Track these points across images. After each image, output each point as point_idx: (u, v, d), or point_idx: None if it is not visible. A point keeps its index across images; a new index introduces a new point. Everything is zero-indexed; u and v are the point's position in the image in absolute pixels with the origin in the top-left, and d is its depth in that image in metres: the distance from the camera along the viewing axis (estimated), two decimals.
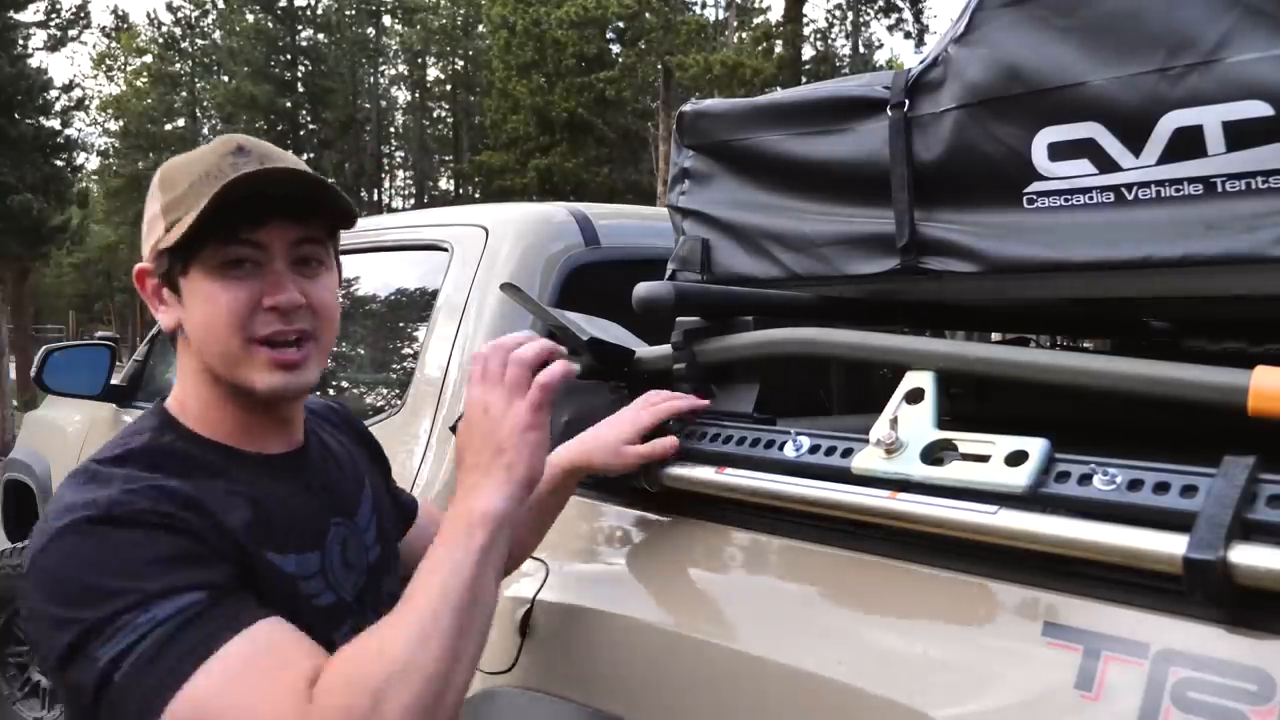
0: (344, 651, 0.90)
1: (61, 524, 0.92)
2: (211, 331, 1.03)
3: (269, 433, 1.10)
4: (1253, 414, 0.93)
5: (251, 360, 1.04)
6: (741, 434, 1.30)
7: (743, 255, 1.53)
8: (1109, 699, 0.88)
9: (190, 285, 1.04)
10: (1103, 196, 1.13)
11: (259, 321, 1.03)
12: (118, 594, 0.89)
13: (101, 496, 0.94)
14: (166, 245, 1.03)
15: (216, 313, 1.03)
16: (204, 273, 1.03)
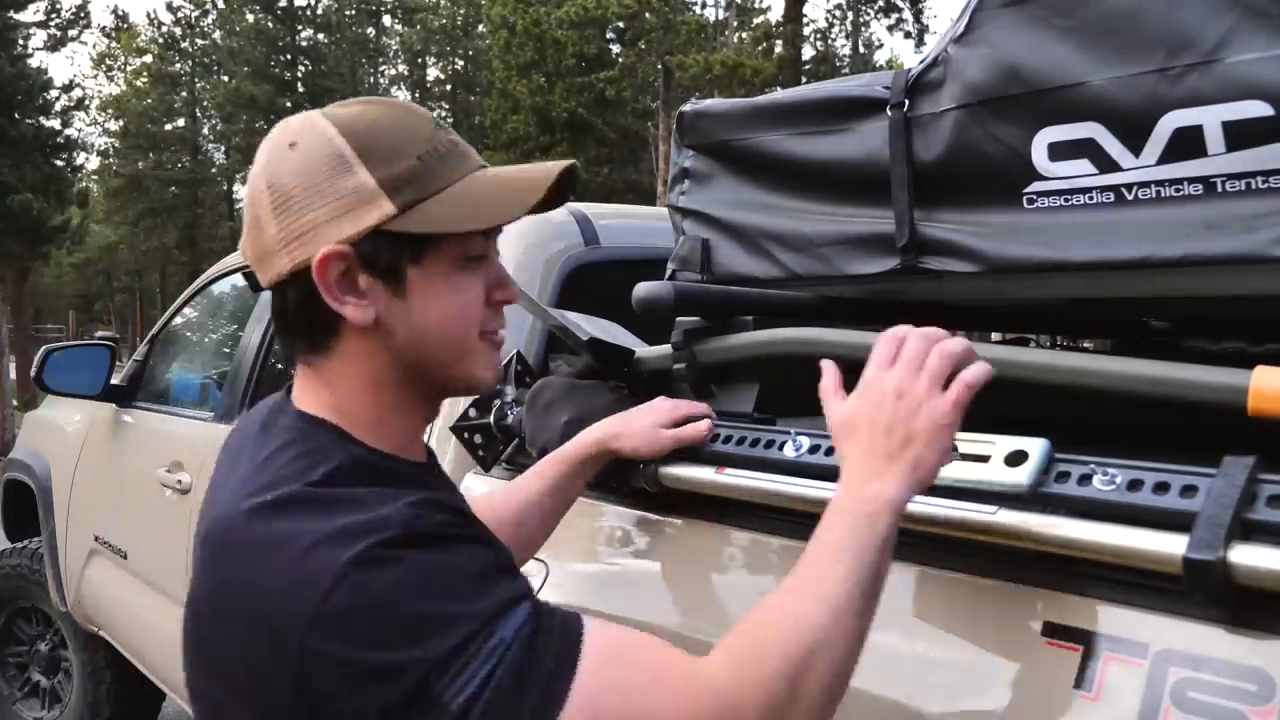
0: (746, 626, 0.84)
1: (352, 554, 0.76)
2: (453, 327, 0.93)
3: (418, 442, 1.01)
4: (1253, 414, 0.93)
5: (480, 355, 0.96)
6: (741, 434, 1.30)
7: (743, 255, 1.53)
8: (1109, 699, 0.88)
9: (423, 276, 0.91)
10: (1103, 196, 1.13)
11: (488, 316, 0.96)
12: (455, 621, 0.75)
13: (389, 515, 0.80)
14: (410, 229, 0.89)
15: (461, 306, 0.93)
16: (449, 262, 0.91)
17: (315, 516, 0.80)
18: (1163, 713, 0.84)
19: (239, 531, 0.84)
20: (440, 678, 0.73)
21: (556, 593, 1.43)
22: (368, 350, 0.92)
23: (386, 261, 0.89)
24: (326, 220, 0.88)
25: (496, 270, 0.97)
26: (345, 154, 0.89)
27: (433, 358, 0.94)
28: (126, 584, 3.08)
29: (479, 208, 0.91)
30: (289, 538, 0.79)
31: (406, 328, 0.91)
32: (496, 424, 1.68)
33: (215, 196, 36.17)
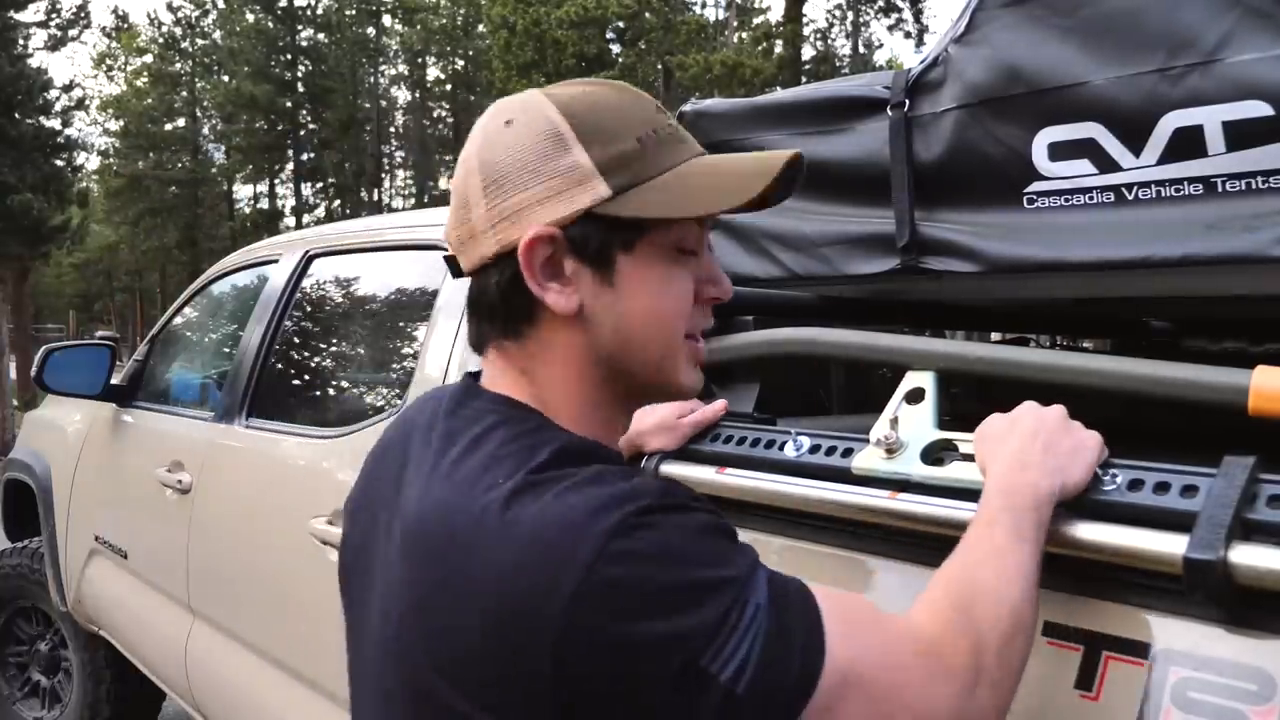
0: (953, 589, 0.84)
1: (609, 524, 0.72)
2: (660, 321, 0.87)
3: (619, 437, 0.97)
4: (1253, 414, 0.93)
5: (685, 356, 0.91)
6: (741, 434, 1.30)
7: (743, 255, 1.53)
8: (1109, 699, 0.88)
9: (636, 264, 0.86)
10: (1103, 196, 1.13)
11: (697, 314, 0.91)
12: (719, 587, 0.72)
13: (638, 486, 0.77)
14: (626, 213, 0.84)
15: (670, 301, 0.87)
16: (659, 252, 0.86)
17: (560, 496, 0.75)
18: (1163, 712, 0.84)
19: (472, 519, 0.77)
20: (709, 648, 0.70)
21: None
22: (568, 340, 0.87)
23: (596, 247, 0.84)
24: (538, 200, 0.84)
25: (709, 265, 0.91)
26: (563, 132, 0.85)
27: (635, 355, 0.88)
28: (127, 584, 3.08)
29: (698, 194, 0.85)
30: (537, 519, 0.74)
31: (611, 319, 0.86)
32: None
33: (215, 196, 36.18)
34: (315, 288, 2.62)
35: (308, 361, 2.62)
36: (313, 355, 2.63)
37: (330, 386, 2.52)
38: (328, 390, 2.53)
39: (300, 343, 2.62)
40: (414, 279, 2.27)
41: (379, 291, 2.43)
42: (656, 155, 0.86)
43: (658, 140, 0.86)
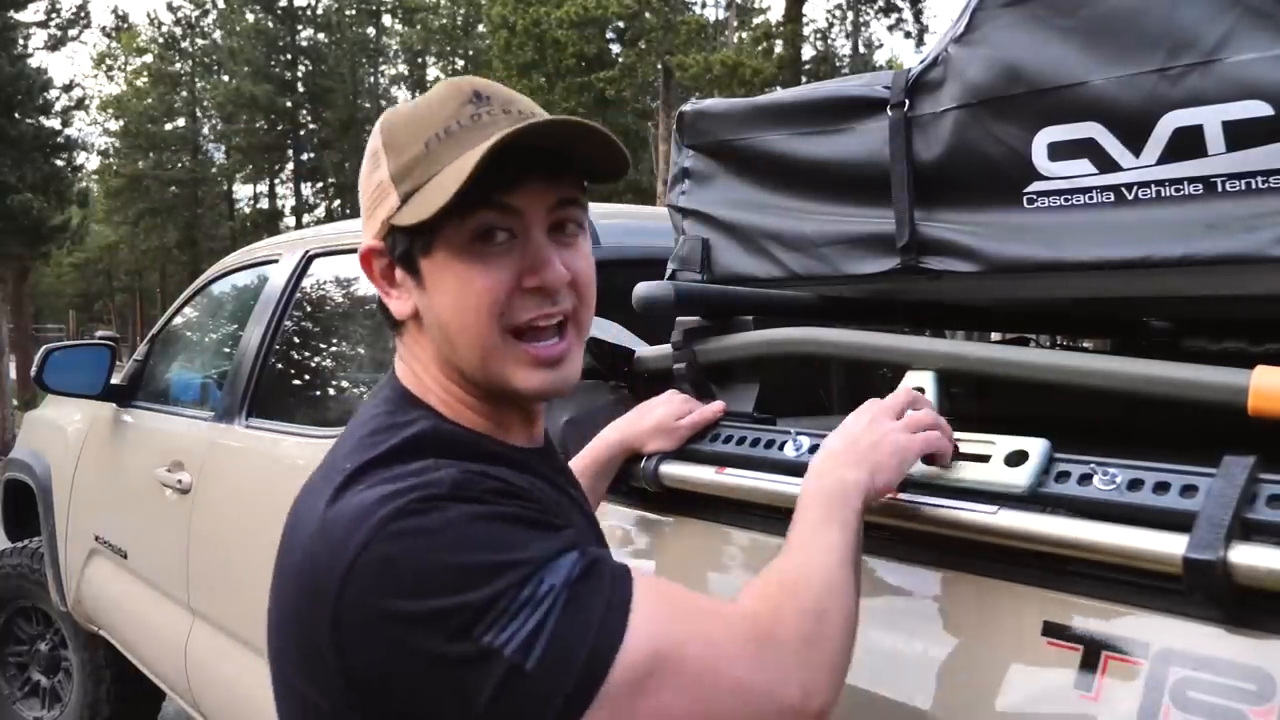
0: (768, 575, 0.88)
1: (392, 508, 0.76)
2: (463, 321, 0.87)
3: (517, 426, 0.96)
4: (1253, 414, 0.93)
5: (509, 356, 0.88)
6: (741, 434, 1.30)
7: (743, 255, 1.53)
8: (1109, 699, 0.88)
9: (435, 266, 0.87)
10: (1103, 196, 1.13)
11: (519, 306, 0.87)
12: (497, 570, 0.74)
13: (438, 478, 0.79)
14: (403, 222, 0.86)
15: (470, 299, 0.86)
16: (452, 251, 0.86)
17: (371, 488, 0.80)
18: (1162, 712, 0.84)
19: (308, 505, 0.85)
20: (484, 623, 0.72)
21: None
22: (423, 340, 0.93)
23: (402, 254, 0.89)
24: (367, 216, 0.92)
25: (533, 251, 0.87)
26: (377, 148, 0.91)
27: (460, 355, 0.89)
28: (126, 584, 3.08)
29: (438, 191, 0.84)
30: (339, 511, 0.79)
31: (433, 321, 0.90)
32: None
33: (215, 196, 36.17)
34: (315, 287, 2.62)
35: (308, 361, 2.62)
36: (313, 355, 2.63)
37: (330, 386, 2.53)
38: (328, 390, 2.53)
39: (300, 342, 2.62)
40: None
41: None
42: (440, 156, 0.86)
43: (449, 137, 0.86)
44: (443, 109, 0.88)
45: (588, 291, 0.93)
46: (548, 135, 0.86)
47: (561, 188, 0.90)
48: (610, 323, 1.62)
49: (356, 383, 2.46)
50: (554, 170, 0.88)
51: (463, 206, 0.83)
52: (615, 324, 1.63)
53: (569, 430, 1.48)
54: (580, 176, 0.93)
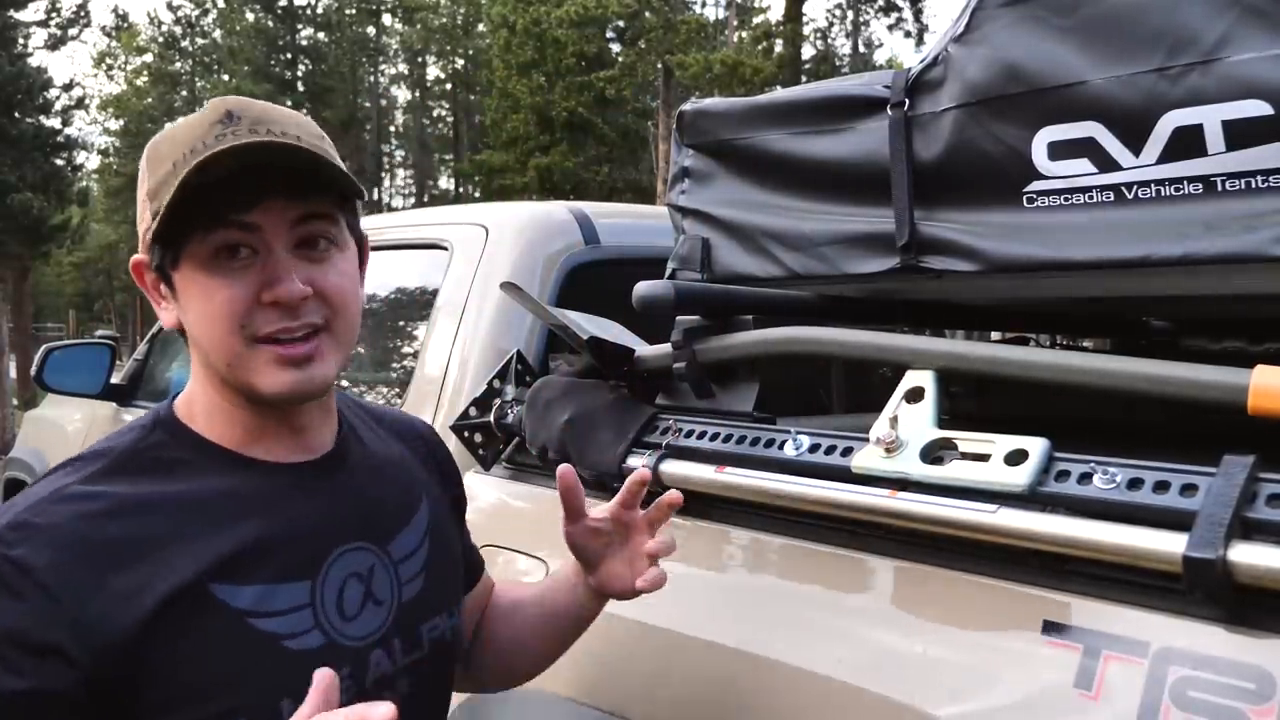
0: None
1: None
2: (209, 331, 0.90)
3: (284, 439, 0.97)
4: (1253, 413, 0.93)
5: (254, 358, 0.90)
6: (741, 433, 1.30)
7: (743, 254, 1.53)
8: (1109, 698, 0.88)
9: (183, 279, 0.91)
10: (1102, 196, 1.13)
11: (260, 319, 0.89)
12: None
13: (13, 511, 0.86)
14: (149, 237, 0.91)
15: (211, 311, 0.89)
16: (197, 265, 0.89)
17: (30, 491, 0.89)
18: (1162, 711, 0.84)
19: None
20: None
21: None
22: (193, 349, 0.96)
23: (158, 268, 0.93)
24: (140, 232, 0.94)
25: (272, 266, 0.90)
26: (142, 166, 0.94)
27: (214, 362, 0.92)
28: None
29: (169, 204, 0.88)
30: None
31: (189, 330, 0.94)
32: (496, 422, 1.68)
33: None
34: None
35: None
36: None
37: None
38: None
39: None
40: (414, 278, 2.27)
41: (379, 290, 2.43)
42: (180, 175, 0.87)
43: (190, 158, 0.87)
44: (196, 128, 0.90)
45: (341, 303, 0.94)
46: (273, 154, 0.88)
47: (308, 204, 0.92)
48: (610, 322, 1.62)
49: (354, 381, 2.46)
50: (295, 188, 0.90)
51: (205, 224, 0.88)
52: (615, 324, 1.63)
53: (569, 430, 1.48)
54: (337, 192, 0.95)
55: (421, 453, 1.16)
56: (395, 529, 1.04)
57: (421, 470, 1.14)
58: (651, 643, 1.28)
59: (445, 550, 1.11)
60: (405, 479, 1.10)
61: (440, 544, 1.09)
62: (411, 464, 1.13)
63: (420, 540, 1.06)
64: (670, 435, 1.38)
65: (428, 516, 1.08)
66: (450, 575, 1.12)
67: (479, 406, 1.71)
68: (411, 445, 1.16)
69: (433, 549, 1.07)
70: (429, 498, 1.11)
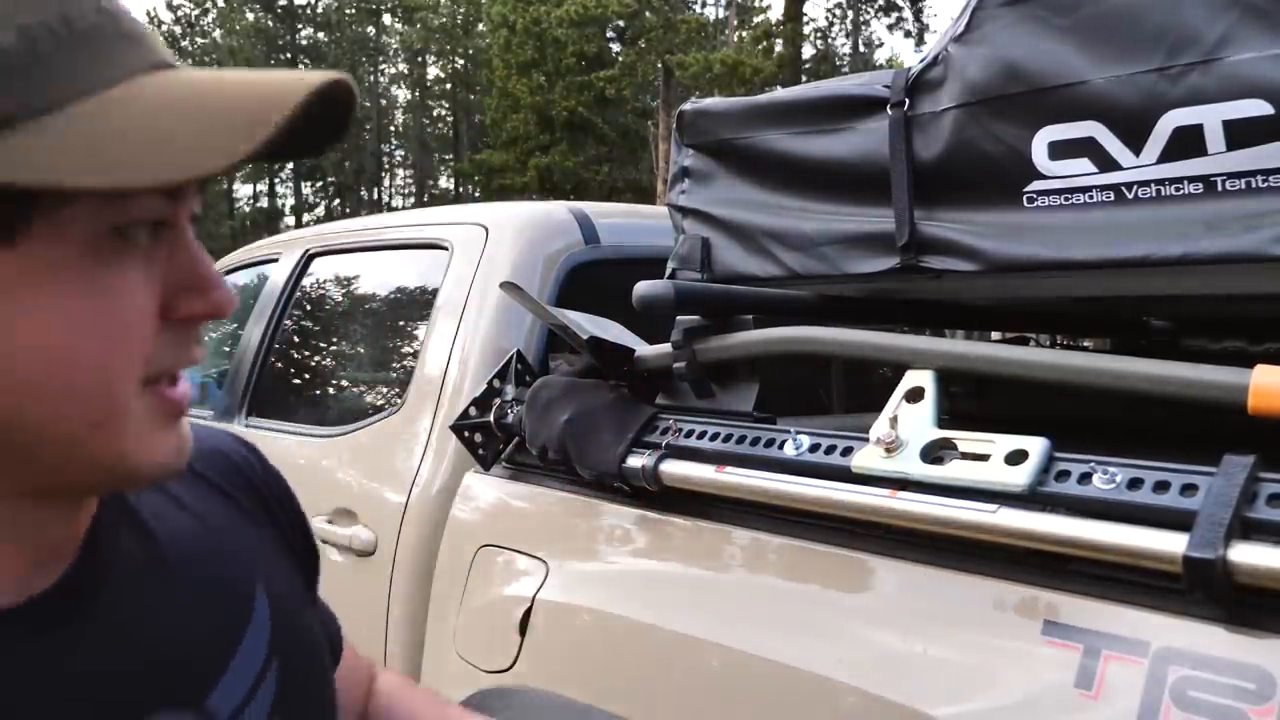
0: None
1: None
2: (72, 365, 0.49)
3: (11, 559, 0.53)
4: (1253, 413, 0.93)
5: (135, 417, 0.52)
6: (741, 433, 1.30)
7: (743, 254, 1.53)
8: (1109, 698, 0.88)
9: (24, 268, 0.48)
10: (1103, 195, 1.13)
11: (166, 347, 0.53)
12: None
13: None
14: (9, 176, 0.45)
15: (98, 329, 0.50)
16: (73, 246, 0.48)
17: None
18: (1162, 711, 0.84)
19: None
20: None
21: (556, 591, 1.43)
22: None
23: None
24: None
25: (187, 257, 0.54)
26: None
27: (38, 424, 0.50)
28: None
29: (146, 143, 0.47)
30: None
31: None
32: (496, 423, 1.68)
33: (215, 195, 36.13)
34: (315, 287, 2.62)
35: (307, 360, 2.62)
36: (312, 354, 2.62)
37: (330, 386, 2.52)
38: (327, 389, 2.53)
39: (300, 342, 2.62)
40: (414, 278, 2.27)
41: (379, 290, 2.43)
42: (62, 65, 0.48)
43: (67, 36, 0.48)
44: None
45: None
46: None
47: None
48: (610, 322, 1.62)
49: (356, 382, 2.46)
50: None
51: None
52: (615, 324, 1.63)
53: (569, 430, 1.48)
54: None
55: (254, 504, 0.73)
56: (215, 671, 0.61)
57: (254, 538, 0.70)
58: (651, 643, 1.28)
59: (305, 668, 0.69)
60: (226, 570, 0.66)
61: (296, 661, 0.67)
62: (237, 533, 0.69)
63: (260, 672, 0.63)
64: (670, 435, 1.38)
65: (268, 624, 0.66)
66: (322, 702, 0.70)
67: (479, 406, 1.71)
68: (237, 495, 0.71)
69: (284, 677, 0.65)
70: (268, 585, 0.67)
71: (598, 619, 1.35)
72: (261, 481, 0.75)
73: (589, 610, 1.37)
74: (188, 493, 0.66)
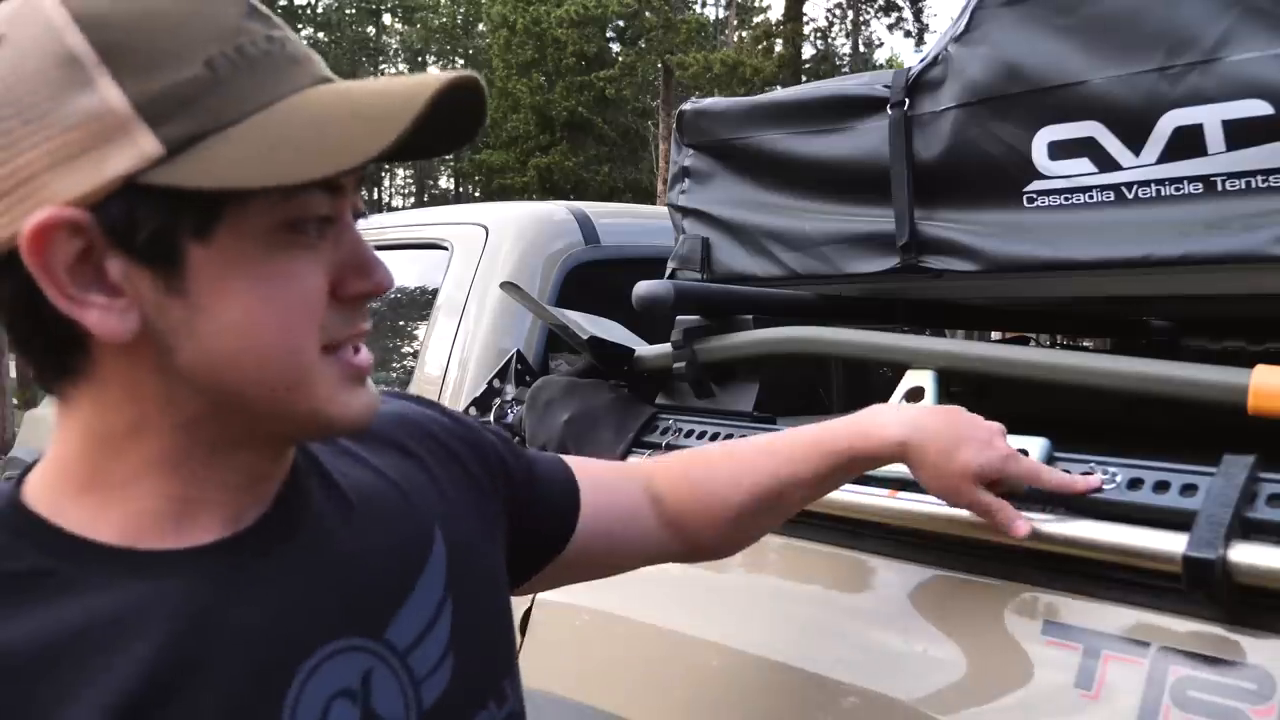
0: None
1: None
2: (264, 337, 0.59)
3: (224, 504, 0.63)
4: (1252, 413, 0.94)
5: (327, 378, 0.62)
6: (741, 433, 1.30)
7: (743, 254, 1.53)
8: (1109, 698, 0.88)
9: (218, 256, 0.57)
10: (1103, 195, 1.13)
11: (336, 319, 0.62)
12: None
13: None
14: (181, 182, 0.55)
15: (278, 309, 0.59)
16: (259, 236, 0.58)
17: None
18: (1162, 711, 0.84)
19: None
20: None
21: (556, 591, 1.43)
22: (130, 377, 0.59)
23: (150, 234, 0.56)
24: (48, 166, 0.55)
25: (352, 245, 0.63)
26: (78, 52, 0.54)
27: (252, 394, 0.60)
28: None
29: (307, 145, 0.56)
30: None
31: (191, 343, 0.58)
32: (496, 422, 1.68)
33: None
34: None
35: None
36: None
37: None
38: None
39: None
40: (414, 277, 2.27)
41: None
42: (241, 87, 0.57)
43: (245, 63, 0.57)
44: (212, 17, 0.58)
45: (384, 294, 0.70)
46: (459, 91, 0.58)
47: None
48: (610, 322, 1.62)
49: None
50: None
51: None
52: (615, 324, 1.63)
53: (569, 429, 1.48)
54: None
55: (436, 458, 0.80)
56: (393, 604, 0.69)
57: (433, 490, 0.77)
58: (651, 642, 1.27)
59: (480, 606, 0.75)
60: (405, 516, 0.73)
61: (471, 600, 0.74)
62: (417, 484, 0.76)
63: (437, 608, 0.71)
64: (670, 435, 1.38)
65: (445, 566, 0.73)
66: (495, 639, 0.77)
67: (479, 406, 1.71)
68: (418, 451, 0.79)
69: (459, 613, 0.72)
70: (446, 531, 0.75)
71: (598, 619, 1.35)
72: (446, 432, 0.83)
73: (589, 610, 1.37)
74: (369, 451, 0.76)
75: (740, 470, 0.97)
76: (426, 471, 0.78)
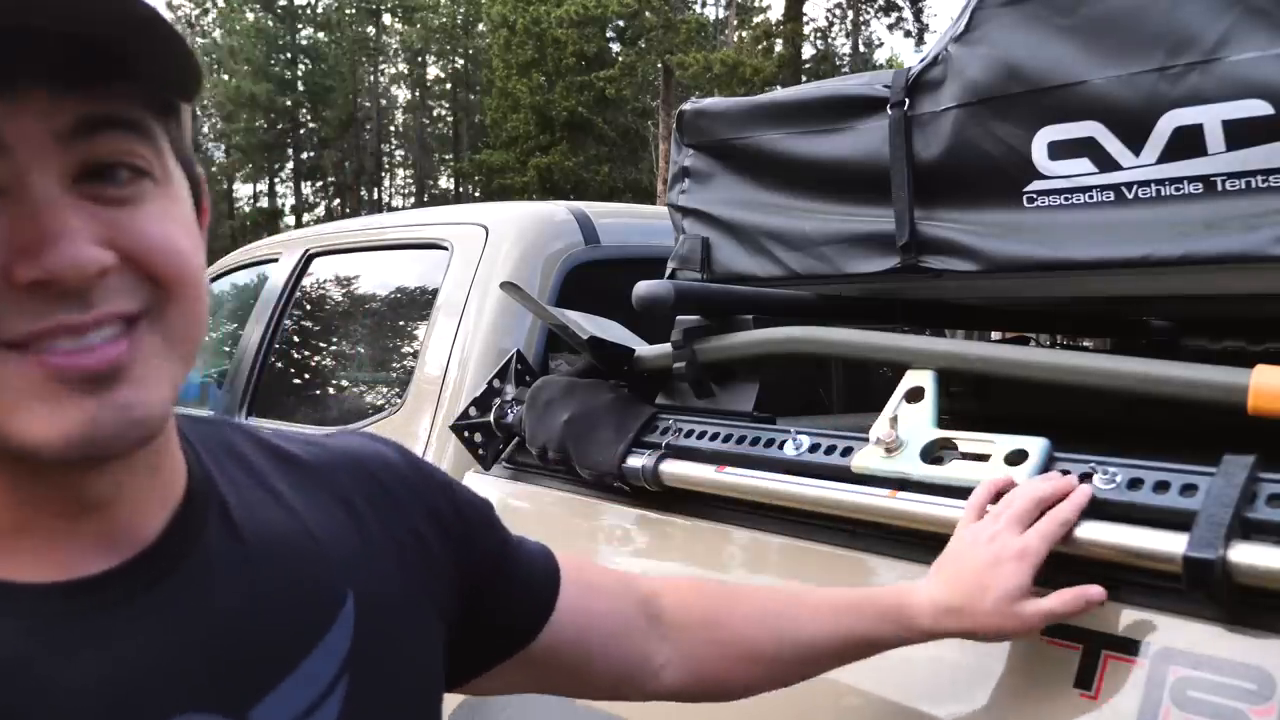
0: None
1: None
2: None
3: (61, 533, 0.53)
4: (1252, 413, 0.93)
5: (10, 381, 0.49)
6: (741, 433, 1.30)
7: (743, 254, 1.53)
8: (1109, 698, 0.88)
9: None
10: (1103, 195, 1.13)
11: (16, 311, 0.49)
12: None
13: None
14: None
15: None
16: None
17: None
18: (1162, 711, 0.84)
19: None
20: None
21: None
22: None
23: None
24: None
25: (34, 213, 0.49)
26: None
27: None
28: None
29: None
30: None
31: None
32: (496, 422, 1.68)
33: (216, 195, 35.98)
34: (315, 287, 2.62)
35: (308, 360, 2.62)
36: (313, 354, 2.62)
37: (330, 385, 2.52)
38: (328, 389, 2.53)
39: (300, 342, 2.62)
40: (414, 277, 2.27)
41: (379, 290, 2.43)
42: None
43: None
44: None
45: (175, 274, 0.53)
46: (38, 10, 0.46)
47: (98, 100, 0.50)
48: (610, 322, 1.62)
49: (356, 382, 2.46)
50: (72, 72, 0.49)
51: None
52: (615, 324, 1.63)
53: (569, 429, 1.48)
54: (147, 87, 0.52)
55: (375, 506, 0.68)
56: (271, 676, 0.57)
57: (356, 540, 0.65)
58: None
59: (390, 688, 0.62)
60: (312, 569, 0.61)
61: (379, 680, 0.61)
62: (338, 533, 0.64)
63: (328, 686, 0.58)
64: (670, 435, 1.38)
65: (351, 634, 0.60)
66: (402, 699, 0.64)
67: (479, 406, 1.71)
68: (353, 495, 0.67)
69: (357, 696, 0.60)
70: (362, 592, 0.62)
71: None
72: (396, 479, 0.70)
73: None
74: (292, 489, 0.64)
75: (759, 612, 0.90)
76: (355, 519, 0.66)
